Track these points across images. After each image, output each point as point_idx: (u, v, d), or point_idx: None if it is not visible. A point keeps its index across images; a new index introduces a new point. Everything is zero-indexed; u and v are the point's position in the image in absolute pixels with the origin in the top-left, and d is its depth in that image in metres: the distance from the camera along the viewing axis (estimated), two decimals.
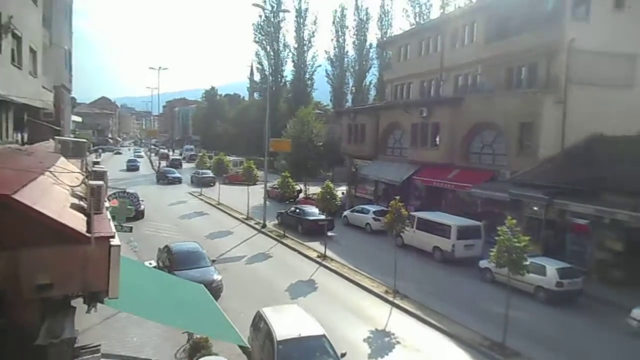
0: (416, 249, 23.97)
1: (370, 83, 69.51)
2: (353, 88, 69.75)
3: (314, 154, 40.00)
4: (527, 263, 13.58)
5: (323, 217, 25.29)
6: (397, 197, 19.14)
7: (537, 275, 17.70)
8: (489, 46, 28.57)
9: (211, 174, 46.27)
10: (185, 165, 72.81)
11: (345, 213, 31.68)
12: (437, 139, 30.36)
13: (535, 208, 22.48)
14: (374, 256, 23.51)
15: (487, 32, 29.05)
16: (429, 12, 60.28)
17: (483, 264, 20.13)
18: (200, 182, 46.26)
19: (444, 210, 26.71)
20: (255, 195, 36.61)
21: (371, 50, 67.96)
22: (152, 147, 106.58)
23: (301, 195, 40.13)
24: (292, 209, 29.94)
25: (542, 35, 24.55)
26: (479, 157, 27.86)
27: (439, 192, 29.68)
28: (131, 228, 18.28)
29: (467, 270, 21.17)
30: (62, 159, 12.20)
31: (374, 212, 29.49)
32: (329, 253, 23.64)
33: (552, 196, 21.18)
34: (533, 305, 17.36)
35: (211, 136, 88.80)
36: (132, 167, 63.43)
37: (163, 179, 51.69)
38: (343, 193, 37.85)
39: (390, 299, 17.79)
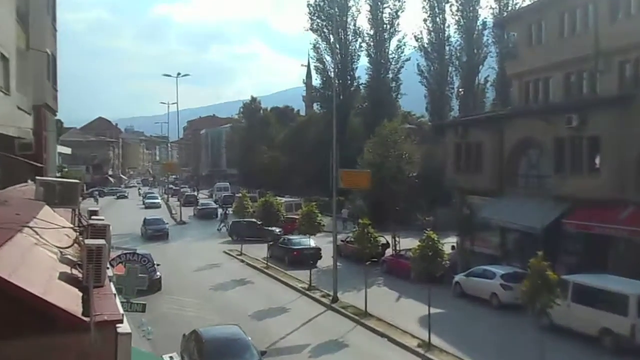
0: (573, 333, 23.62)
1: (485, 81, 69.72)
2: (460, 90, 70.00)
3: (404, 190, 40.44)
4: None
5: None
6: (539, 253, 19.08)
7: None
8: None
9: (255, 223, 47.30)
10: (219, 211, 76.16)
11: (457, 278, 31.67)
12: (597, 161, 29.68)
13: None
14: (506, 345, 23.38)
15: None
16: None
17: None
18: (239, 233, 47.85)
19: (614, 271, 26.25)
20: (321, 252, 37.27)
21: (485, 33, 68.52)
22: (171, 187, 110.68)
23: (388, 251, 40.35)
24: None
25: None
26: None
27: (604, 242, 29.00)
28: (144, 306, 18.69)
29: None
30: (47, 208, 12.58)
31: (503, 277, 29.27)
32: (435, 340, 23.48)
33: None
34: None
35: (253, 168, 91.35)
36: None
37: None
38: (453, 248, 37.94)
39: None
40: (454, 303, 29.72)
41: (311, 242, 40.37)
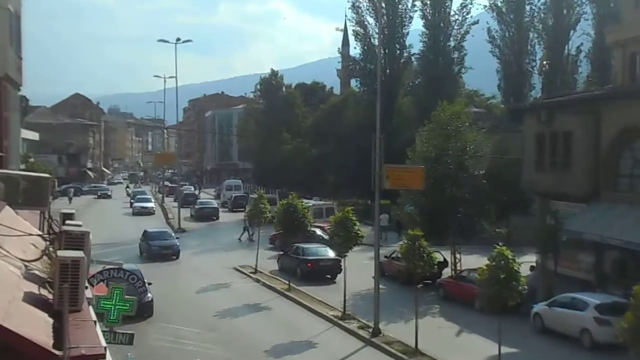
0: None
1: (578, 51, 69.49)
2: (544, 63, 69.37)
3: (468, 192, 40.49)
4: None
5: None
6: None
7: None
8: None
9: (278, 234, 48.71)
10: (226, 216, 76.97)
11: (536, 309, 31.56)
12: None
13: None
14: None
15: None
16: None
17: None
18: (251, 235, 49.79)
19: None
20: (358, 271, 37.08)
21: None
22: (167, 184, 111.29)
23: (446, 271, 40.51)
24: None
25: None
26: None
27: None
28: (132, 337, 18.71)
29: None
30: (8, 210, 12.67)
31: (597, 308, 28.95)
32: None
33: None
34: None
35: (273, 162, 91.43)
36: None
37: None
38: (532, 269, 38.05)
39: None
40: (532, 341, 29.56)
41: (329, 251, 41.87)
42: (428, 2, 70.78)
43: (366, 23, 73.00)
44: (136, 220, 74.17)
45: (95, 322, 8.97)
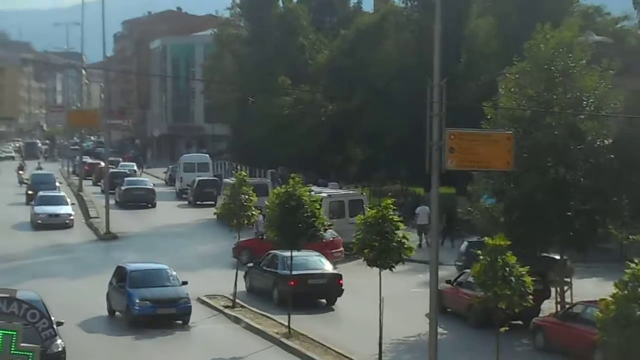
0: None
1: None
2: None
3: (587, 174, 40.47)
4: None
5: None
6: None
7: None
8: None
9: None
10: (185, 213, 78.63)
11: None
12: None
13: None
14: None
15: None
16: None
17: None
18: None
19: None
20: (402, 304, 38.14)
21: None
22: (86, 159, 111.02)
23: (547, 303, 40.91)
24: None
25: None
26: None
27: None
28: None
29: None
30: None
31: None
32: None
33: None
34: None
35: (262, 126, 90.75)
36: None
37: None
38: None
39: None
40: None
41: (323, 262, 42.37)
42: None
43: None
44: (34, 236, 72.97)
45: None
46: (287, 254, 42.41)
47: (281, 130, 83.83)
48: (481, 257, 30.08)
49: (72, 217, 79.09)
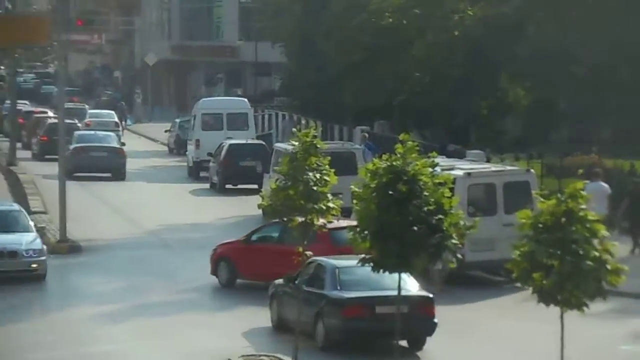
0: None
1: None
2: None
3: None
4: None
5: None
6: None
7: None
8: None
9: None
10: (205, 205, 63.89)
11: None
12: None
13: None
14: None
15: None
16: None
17: None
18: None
19: None
20: None
21: None
22: (19, 106, 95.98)
23: None
24: None
25: None
26: None
27: None
28: None
29: None
30: None
31: None
32: None
33: None
34: None
35: (345, 55, 76.31)
36: None
37: None
38: None
39: None
40: None
41: (404, 277, 28.45)
42: None
43: None
44: None
45: None
46: (342, 262, 31.26)
47: (383, 55, 69.85)
48: None
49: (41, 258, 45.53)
